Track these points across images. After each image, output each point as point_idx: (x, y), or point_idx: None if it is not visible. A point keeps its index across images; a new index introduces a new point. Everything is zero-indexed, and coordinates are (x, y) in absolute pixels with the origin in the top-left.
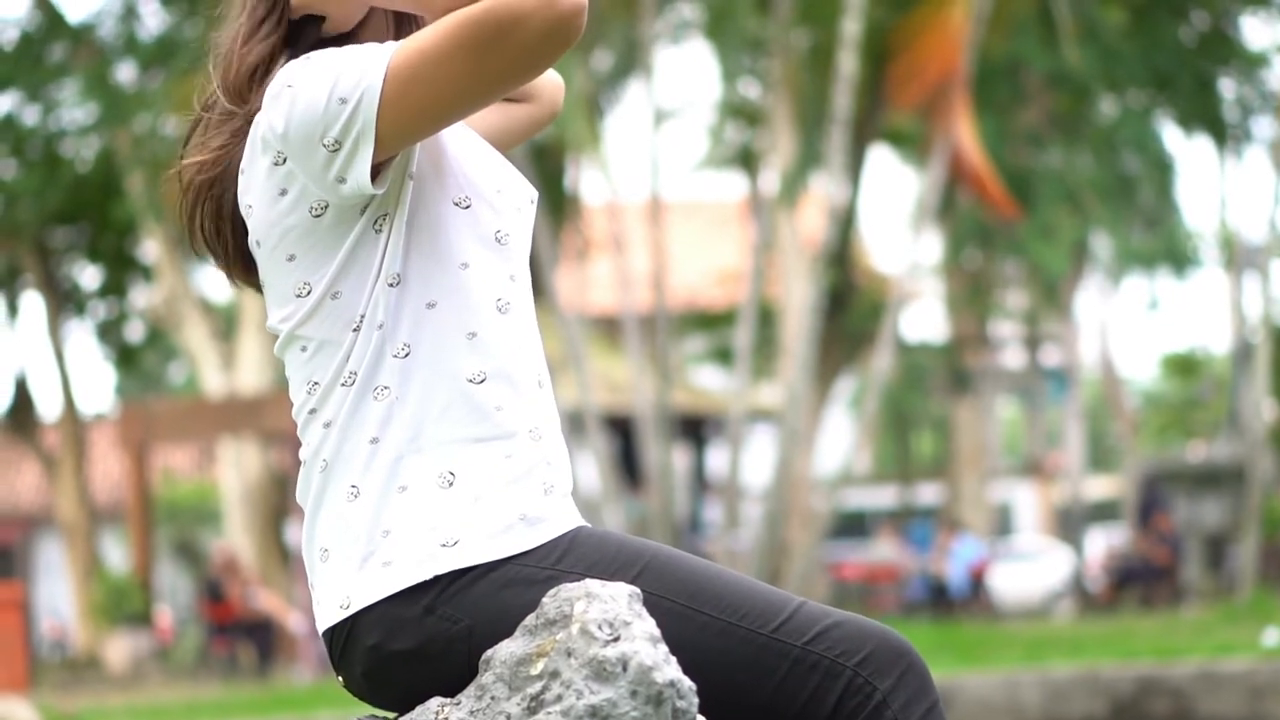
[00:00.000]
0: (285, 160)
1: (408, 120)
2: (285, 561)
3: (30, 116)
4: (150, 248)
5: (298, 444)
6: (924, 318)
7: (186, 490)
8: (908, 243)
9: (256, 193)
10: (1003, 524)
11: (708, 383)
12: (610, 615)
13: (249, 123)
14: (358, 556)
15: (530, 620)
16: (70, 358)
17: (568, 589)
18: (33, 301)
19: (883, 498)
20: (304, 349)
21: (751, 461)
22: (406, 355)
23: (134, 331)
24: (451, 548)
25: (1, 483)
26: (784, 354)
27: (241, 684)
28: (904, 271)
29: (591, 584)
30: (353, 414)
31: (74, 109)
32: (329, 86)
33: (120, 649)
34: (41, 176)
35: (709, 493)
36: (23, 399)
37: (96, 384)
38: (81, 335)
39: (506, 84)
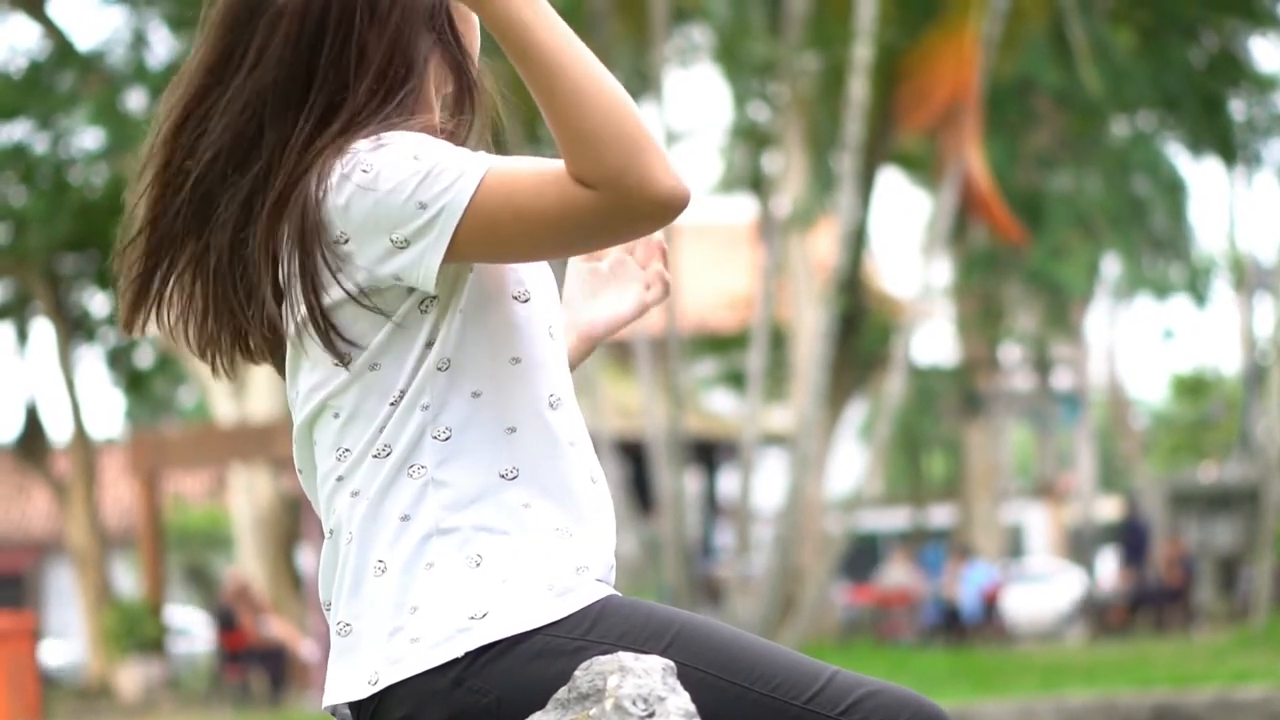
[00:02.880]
0: (348, 241)
1: (481, 251)
2: (297, 588)
3: (40, 144)
4: None
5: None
6: (934, 341)
7: (197, 516)
8: (919, 267)
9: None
10: (1014, 546)
11: (719, 406)
12: (645, 690)
13: None
14: (385, 631)
15: (562, 694)
16: (80, 384)
17: (600, 662)
18: (43, 329)
19: (894, 520)
20: (336, 415)
21: (763, 485)
22: (447, 439)
23: (143, 357)
24: (480, 619)
25: (12, 509)
26: (795, 377)
27: (254, 712)
28: (916, 296)
29: (625, 657)
30: (385, 488)
31: (83, 136)
32: (412, 185)
33: (132, 677)
34: (49, 203)
35: (721, 517)
36: (33, 426)
37: (106, 410)
38: (91, 362)
39: (586, 252)
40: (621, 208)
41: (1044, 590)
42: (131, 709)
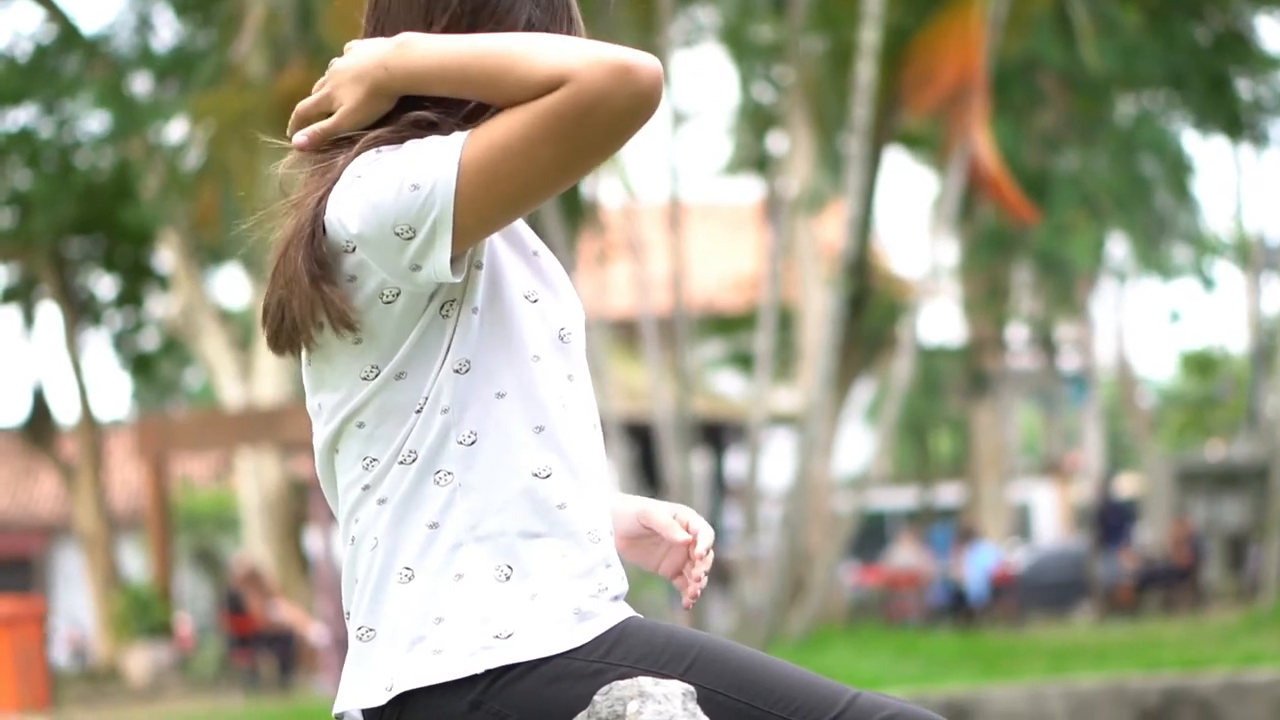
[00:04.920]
0: (355, 249)
1: (486, 210)
2: (305, 571)
3: (45, 128)
4: (166, 257)
5: (312, 454)
6: (940, 321)
7: (205, 499)
8: (926, 247)
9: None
10: (1022, 525)
11: (725, 388)
12: (665, 716)
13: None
14: (406, 639)
15: (581, 718)
16: (87, 367)
17: (620, 688)
18: (49, 312)
19: (902, 499)
20: (361, 425)
21: (771, 466)
22: (472, 443)
23: (149, 339)
24: (505, 640)
25: (20, 493)
26: (802, 358)
27: (263, 696)
28: (923, 276)
29: (645, 682)
30: (411, 495)
31: (88, 120)
32: (400, 175)
33: (141, 661)
34: (55, 186)
35: (728, 498)
36: (40, 409)
37: (113, 391)
38: (98, 344)
39: (588, 167)
40: (586, 89)
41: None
42: (140, 693)
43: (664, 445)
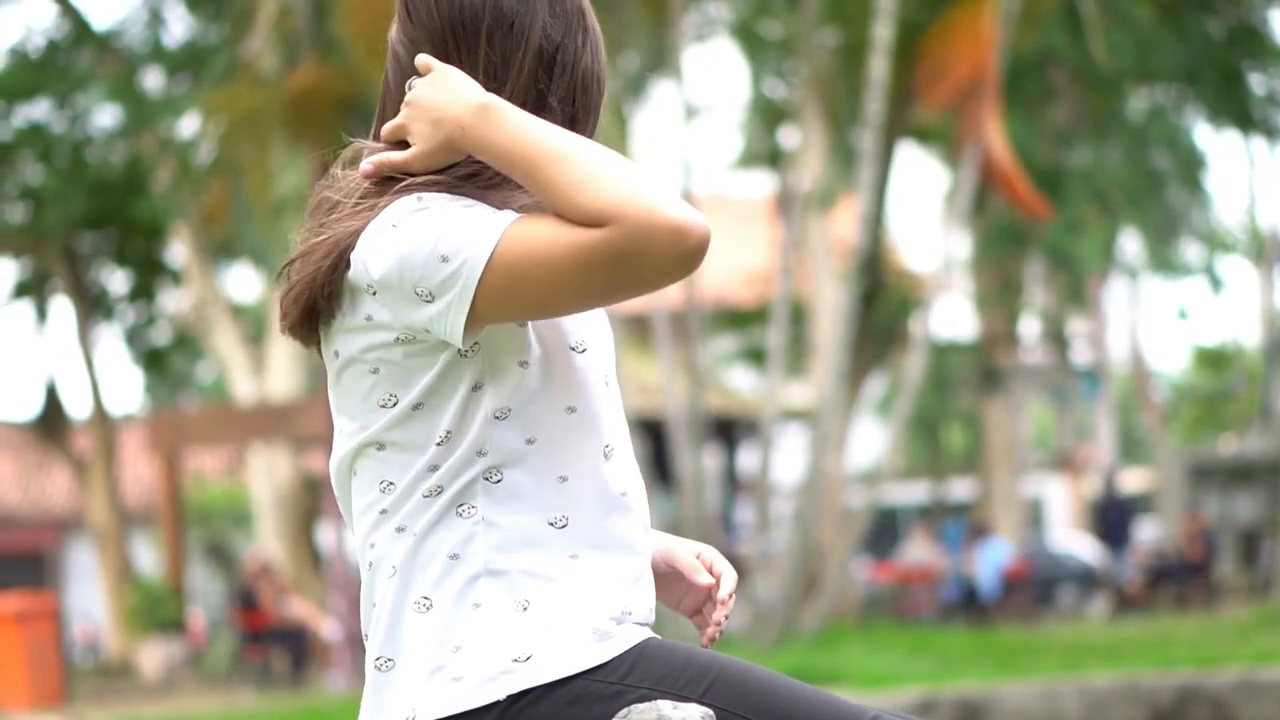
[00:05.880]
0: (375, 294)
1: (506, 307)
2: (317, 567)
3: (57, 124)
4: (178, 251)
5: (325, 450)
6: (952, 316)
7: (217, 493)
8: (939, 242)
9: (343, 307)
10: (1034, 519)
11: (737, 382)
12: None
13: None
14: (426, 669)
15: None
16: (99, 362)
17: (639, 711)
18: (61, 307)
19: (914, 493)
20: (380, 448)
21: (783, 461)
22: (499, 482)
23: (161, 334)
24: (524, 662)
25: (32, 487)
26: (814, 353)
27: (276, 692)
28: (935, 271)
29: (663, 706)
30: (433, 525)
31: (100, 115)
32: (434, 238)
33: (153, 656)
34: (67, 181)
35: (741, 493)
36: (53, 404)
37: (125, 386)
38: (110, 339)
39: (617, 300)
40: (632, 239)
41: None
42: (153, 689)
43: (676, 441)
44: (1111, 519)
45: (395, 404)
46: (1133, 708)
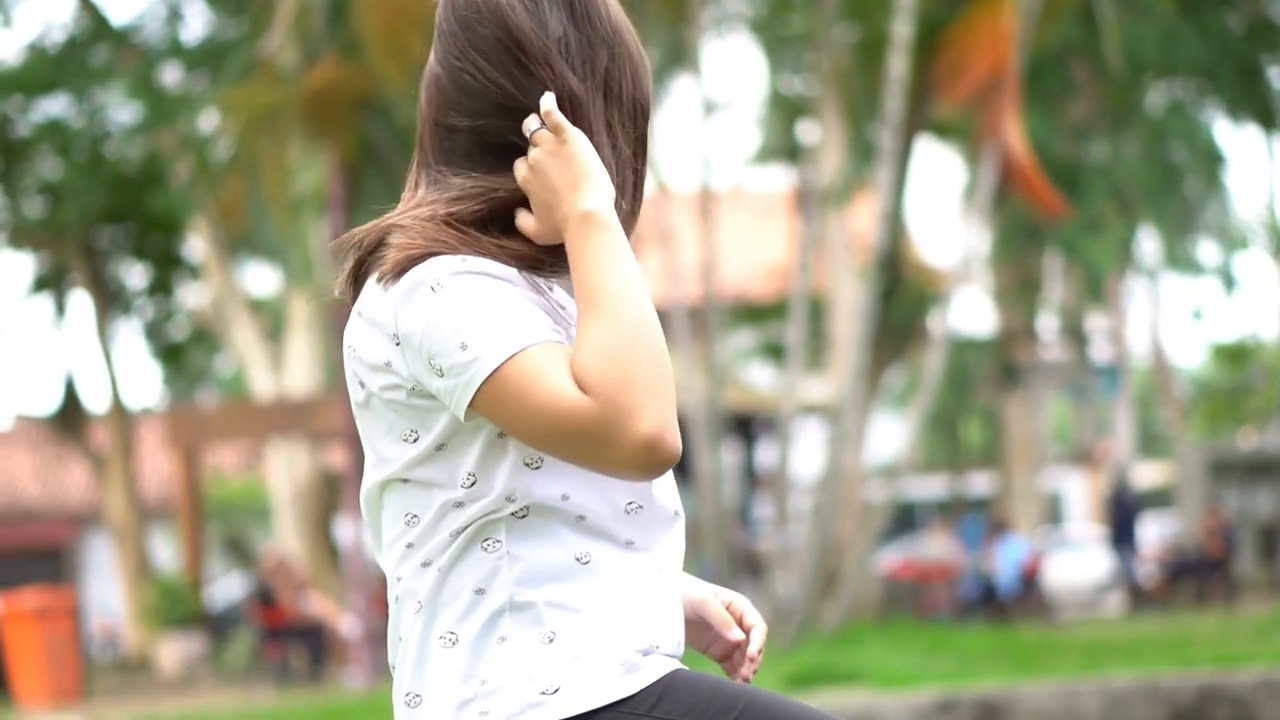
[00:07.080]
0: (399, 344)
1: (493, 417)
2: (335, 563)
3: (76, 119)
4: (196, 246)
5: (349, 448)
6: (971, 311)
7: (235, 488)
8: (958, 238)
9: (364, 341)
10: (1053, 513)
11: (756, 378)
12: None
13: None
14: (454, 704)
15: None
16: (117, 356)
17: None
18: (80, 301)
19: (932, 487)
20: (405, 481)
21: (802, 456)
22: (524, 517)
23: (180, 329)
24: (552, 695)
25: (51, 482)
26: (832, 348)
27: (294, 688)
28: (954, 267)
29: None
30: (457, 559)
31: (119, 110)
32: (465, 320)
33: (172, 652)
34: (85, 176)
35: (759, 489)
36: (71, 398)
37: (143, 380)
38: (128, 334)
39: (571, 461)
40: (601, 427)
41: (1082, 558)
42: (171, 685)
43: (695, 436)
44: (1119, 519)
45: (417, 439)
46: (1153, 708)
